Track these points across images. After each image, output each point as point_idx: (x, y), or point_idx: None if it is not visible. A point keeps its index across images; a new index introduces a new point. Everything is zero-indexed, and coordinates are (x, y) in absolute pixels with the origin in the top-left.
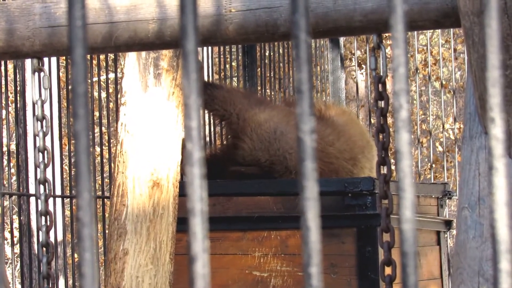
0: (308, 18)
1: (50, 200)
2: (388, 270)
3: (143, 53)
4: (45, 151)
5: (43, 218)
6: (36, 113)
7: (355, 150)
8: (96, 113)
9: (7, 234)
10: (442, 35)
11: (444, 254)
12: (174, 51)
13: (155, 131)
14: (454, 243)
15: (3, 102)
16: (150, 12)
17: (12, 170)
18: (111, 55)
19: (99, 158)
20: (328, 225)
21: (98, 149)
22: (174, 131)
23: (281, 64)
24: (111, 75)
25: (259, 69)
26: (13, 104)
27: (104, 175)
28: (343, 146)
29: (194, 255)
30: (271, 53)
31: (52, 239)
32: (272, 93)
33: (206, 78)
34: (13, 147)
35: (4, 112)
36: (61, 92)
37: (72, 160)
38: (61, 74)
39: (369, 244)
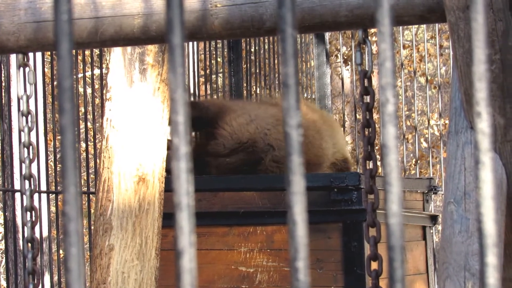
0: (295, 12)
1: (36, 196)
2: (374, 265)
3: (129, 48)
4: (30, 147)
5: (28, 213)
6: (21, 109)
7: (317, 126)
8: (82, 109)
9: None
10: (427, 31)
11: (430, 249)
12: (159, 46)
13: (140, 126)
14: (440, 238)
15: None
16: (136, 7)
17: None
18: (96, 51)
19: (84, 153)
20: (314, 220)
21: (83, 144)
22: (159, 126)
23: (266, 60)
24: (97, 71)
25: (244, 64)
26: None
27: (90, 170)
28: (305, 123)
29: (181, 249)
30: (257, 49)
31: (37, 235)
32: (258, 89)
33: (191, 75)
34: None
35: None
36: (46, 88)
37: (58, 155)
38: (46, 69)
39: (355, 239)
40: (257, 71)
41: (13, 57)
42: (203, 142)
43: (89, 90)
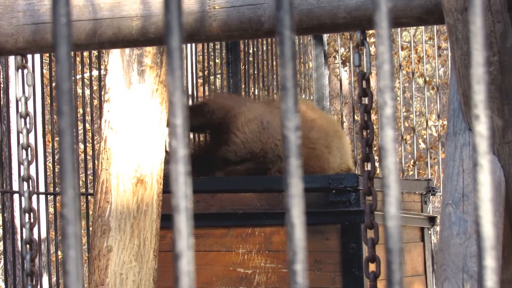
0: (293, 15)
1: (34, 197)
2: (372, 267)
3: (127, 50)
4: (29, 148)
5: (27, 215)
6: (19, 110)
7: (328, 139)
8: (80, 110)
9: None
10: (425, 32)
11: (428, 250)
12: (157, 48)
13: (138, 128)
14: (438, 240)
15: None
16: (134, 9)
17: None
18: (95, 52)
19: (83, 155)
20: (312, 221)
21: (82, 146)
22: (157, 128)
23: (264, 61)
24: (95, 72)
25: (243, 66)
26: None
27: (88, 172)
28: (317, 134)
29: (179, 252)
30: (255, 50)
31: (35, 236)
32: (256, 90)
33: (190, 77)
34: None
35: None
36: (44, 89)
37: (56, 157)
38: (44, 71)
39: (353, 240)
40: (255, 72)
41: (11, 59)
42: (211, 147)
43: (87, 92)
